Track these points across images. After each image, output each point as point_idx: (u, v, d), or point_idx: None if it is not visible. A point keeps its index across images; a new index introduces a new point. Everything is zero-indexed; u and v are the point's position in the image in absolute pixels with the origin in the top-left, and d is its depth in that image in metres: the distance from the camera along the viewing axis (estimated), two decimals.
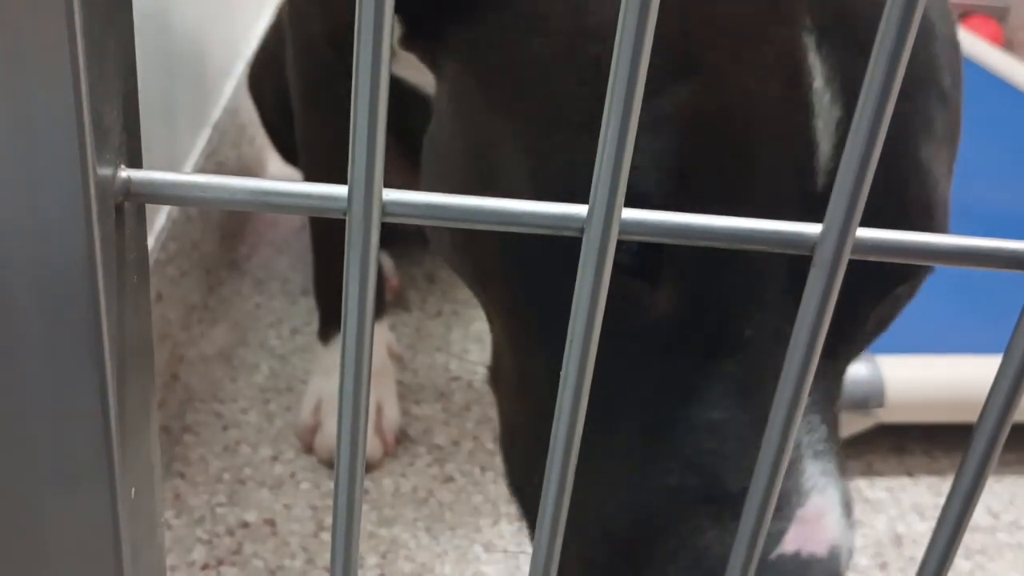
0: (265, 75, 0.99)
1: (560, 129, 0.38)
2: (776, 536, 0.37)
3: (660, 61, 0.36)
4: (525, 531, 0.70)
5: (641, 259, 0.37)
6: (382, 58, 0.21)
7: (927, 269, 0.43)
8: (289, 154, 1.03)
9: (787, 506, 0.37)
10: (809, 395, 0.38)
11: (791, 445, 0.26)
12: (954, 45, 0.42)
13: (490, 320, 0.46)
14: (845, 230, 0.23)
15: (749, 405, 0.38)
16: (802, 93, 0.36)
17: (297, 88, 0.76)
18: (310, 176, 0.81)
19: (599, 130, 0.34)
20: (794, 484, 0.37)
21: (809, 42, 0.37)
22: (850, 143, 0.22)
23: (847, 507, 0.40)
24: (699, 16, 0.36)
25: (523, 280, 0.41)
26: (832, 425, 0.40)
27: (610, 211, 0.23)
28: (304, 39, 0.73)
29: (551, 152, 0.38)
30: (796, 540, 0.37)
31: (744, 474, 0.37)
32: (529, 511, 0.45)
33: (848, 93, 0.37)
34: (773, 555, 0.36)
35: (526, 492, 0.45)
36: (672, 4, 0.36)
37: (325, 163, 0.77)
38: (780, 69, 0.36)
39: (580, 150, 0.36)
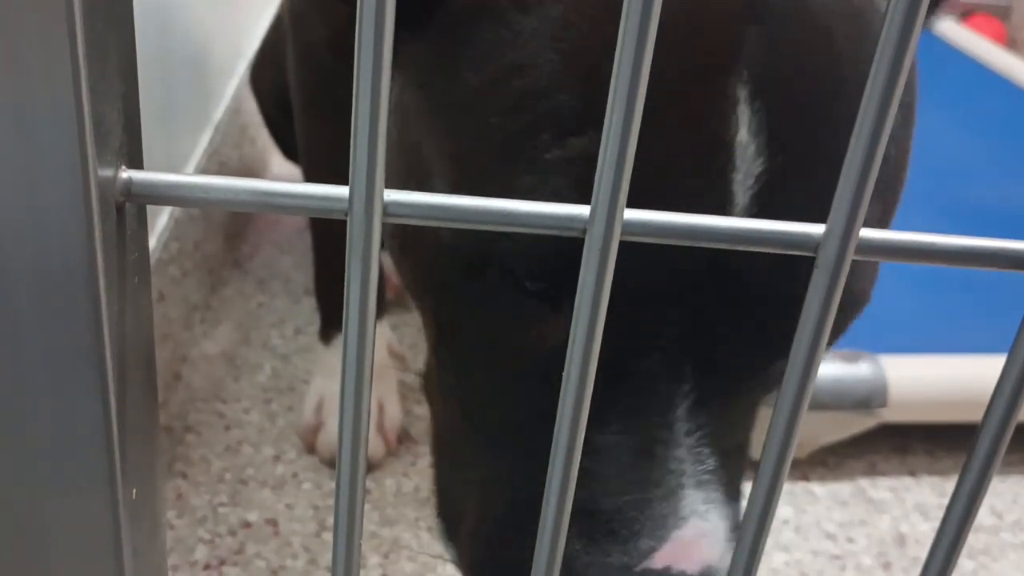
0: (266, 70, 0.99)
1: (480, 158, 0.38)
2: (645, 552, 0.38)
3: (569, 105, 0.36)
4: None
5: (547, 286, 0.38)
6: (383, 60, 0.21)
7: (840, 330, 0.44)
8: (289, 150, 1.03)
9: (662, 528, 0.38)
10: (700, 428, 0.39)
11: (789, 455, 0.26)
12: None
13: (424, 326, 0.47)
14: (848, 231, 0.23)
15: (633, 431, 0.39)
16: (722, 145, 0.36)
17: (297, 90, 0.76)
18: (311, 177, 0.81)
19: (515, 161, 0.35)
20: (672, 508, 0.38)
21: (741, 94, 0.36)
22: (853, 144, 0.22)
23: (734, 535, 0.40)
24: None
25: (442, 295, 0.43)
26: (727, 456, 0.41)
27: (612, 211, 0.23)
28: (304, 43, 0.73)
29: (470, 181, 0.39)
30: (667, 558, 0.38)
31: (620, 495, 0.38)
32: (462, 555, 0.45)
33: (775, 146, 0.36)
34: (639, 568, 0.37)
35: (454, 530, 0.46)
36: (594, 49, 0.35)
37: (325, 164, 0.77)
38: (699, 120, 0.36)
39: (494, 182, 0.37)
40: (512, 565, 0.40)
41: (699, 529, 0.38)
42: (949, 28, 1.67)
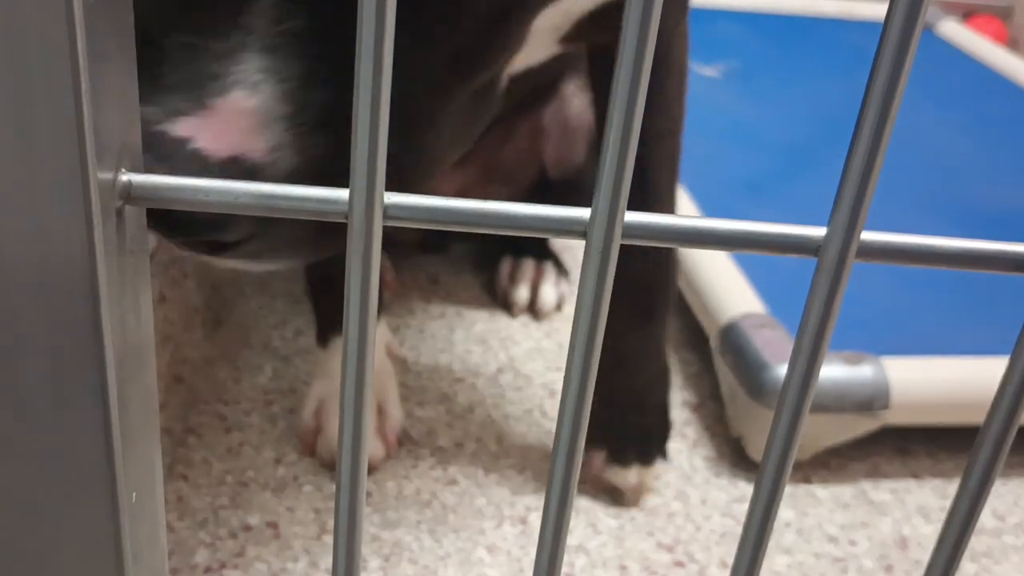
0: None
1: None
2: (171, 112, 0.31)
3: None
4: (528, 534, 0.70)
5: None
6: (384, 61, 0.21)
7: None
8: None
9: (198, 89, 0.31)
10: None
11: (791, 457, 0.26)
12: None
13: None
14: (849, 234, 0.23)
15: None
16: None
17: None
18: None
19: None
20: (221, 70, 0.31)
21: None
22: (853, 146, 0.22)
23: (298, 124, 0.32)
24: None
25: None
26: (322, 40, 0.33)
27: (613, 214, 0.23)
28: None
29: None
30: (192, 128, 0.31)
31: (180, 34, 0.31)
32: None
33: None
34: (155, 129, 0.30)
35: None
36: None
37: None
38: None
39: None
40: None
41: (239, 104, 0.31)
42: (950, 28, 1.67)
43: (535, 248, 1.05)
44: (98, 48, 0.22)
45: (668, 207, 0.76)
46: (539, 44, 0.50)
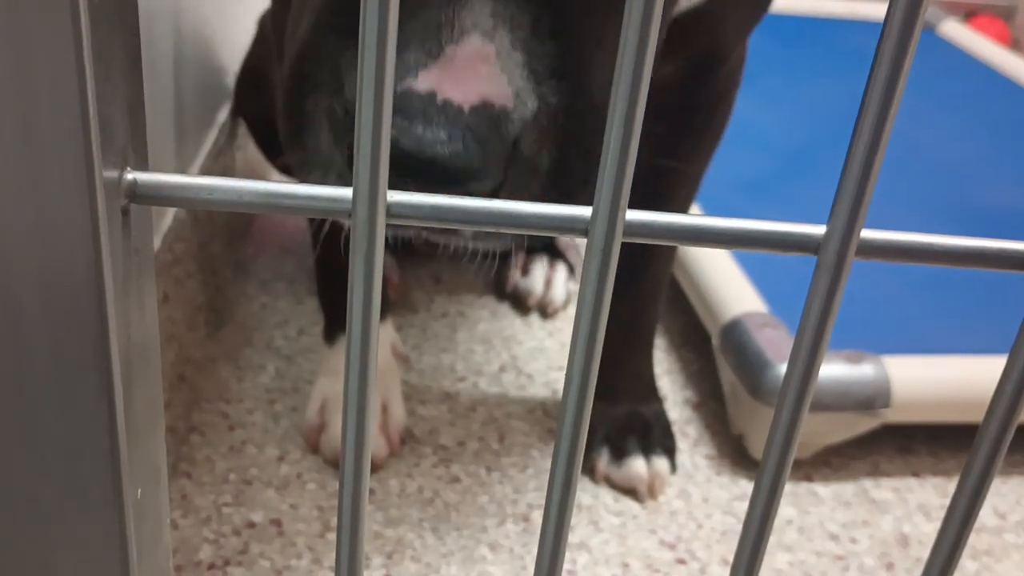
0: (252, 93, 0.97)
1: None
2: (408, 66, 0.30)
3: None
4: (531, 532, 0.70)
5: None
6: (386, 61, 0.21)
7: None
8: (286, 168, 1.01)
9: (433, 39, 0.30)
10: None
11: (791, 455, 0.26)
12: None
13: None
14: (849, 232, 0.23)
15: None
16: None
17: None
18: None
19: None
20: (449, 17, 0.30)
21: None
22: (853, 146, 0.22)
23: (531, 71, 0.32)
24: None
25: None
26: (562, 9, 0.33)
27: (614, 213, 0.23)
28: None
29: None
30: (433, 79, 0.30)
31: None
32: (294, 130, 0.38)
33: None
34: (400, 87, 0.30)
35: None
36: None
37: None
38: None
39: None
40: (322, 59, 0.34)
41: (478, 49, 0.30)
42: (953, 29, 1.66)
43: (546, 246, 1.05)
44: (103, 47, 0.22)
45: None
46: None
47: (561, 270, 1.04)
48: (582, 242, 0.26)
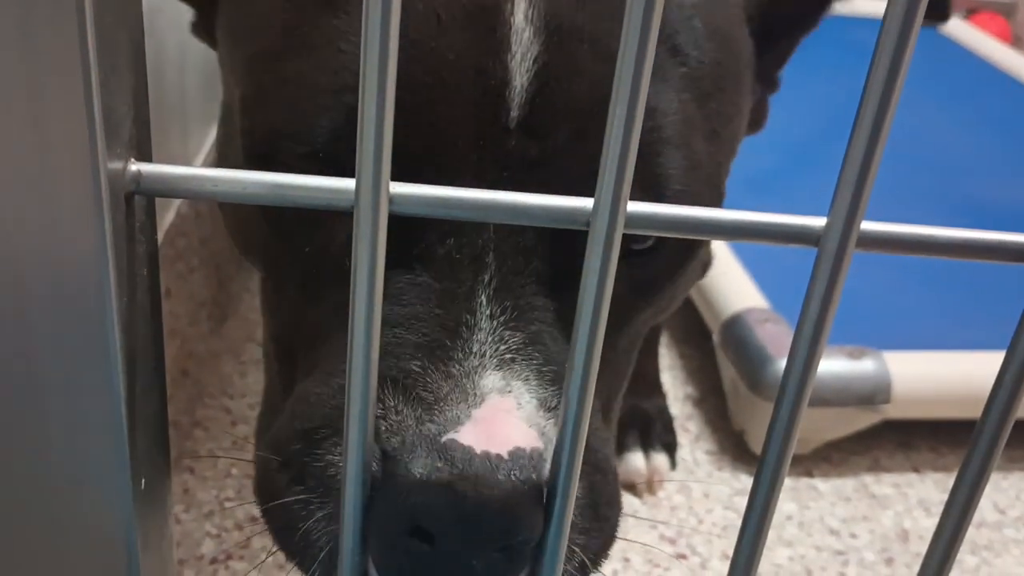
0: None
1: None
2: (452, 423, 0.35)
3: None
4: None
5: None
6: (388, 59, 0.21)
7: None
8: None
9: (461, 405, 0.35)
10: (505, 312, 0.37)
11: (790, 450, 0.26)
12: (710, 22, 0.43)
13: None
14: (849, 223, 0.23)
15: (431, 301, 0.38)
16: (495, 31, 0.37)
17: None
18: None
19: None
20: (465, 390, 0.36)
21: None
22: (854, 137, 0.22)
23: (545, 408, 0.37)
24: None
25: (250, 231, 0.45)
26: (540, 338, 0.39)
27: (616, 205, 0.23)
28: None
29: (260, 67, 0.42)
30: (470, 438, 0.34)
31: (421, 354, 0.37)
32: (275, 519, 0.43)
33: (550, 28, 0.38)
34: (445, 439, 0.34)
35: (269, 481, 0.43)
36: None
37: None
38: (470, 10, 0.38)
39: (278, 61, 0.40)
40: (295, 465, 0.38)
41: (501, 406, 0.36)
42: (954, 25, 1.66)
43: None
44: (108, 39, 0.22)
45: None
46: None
47: None
48: None
